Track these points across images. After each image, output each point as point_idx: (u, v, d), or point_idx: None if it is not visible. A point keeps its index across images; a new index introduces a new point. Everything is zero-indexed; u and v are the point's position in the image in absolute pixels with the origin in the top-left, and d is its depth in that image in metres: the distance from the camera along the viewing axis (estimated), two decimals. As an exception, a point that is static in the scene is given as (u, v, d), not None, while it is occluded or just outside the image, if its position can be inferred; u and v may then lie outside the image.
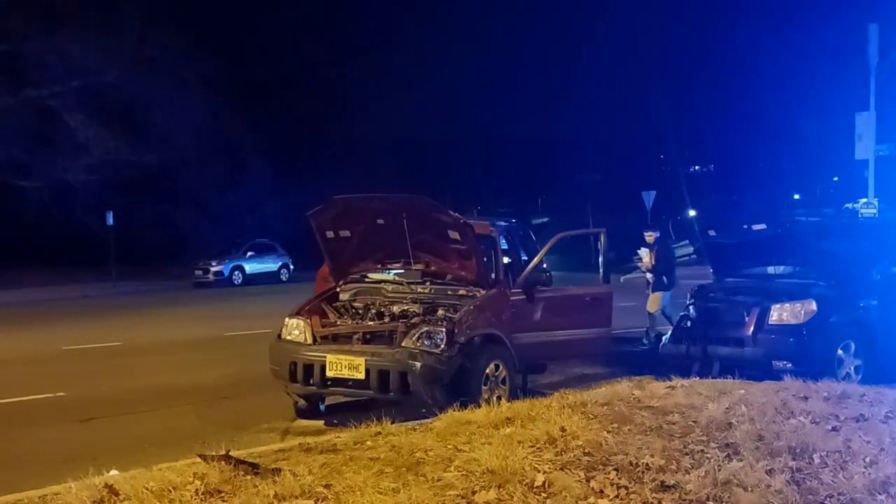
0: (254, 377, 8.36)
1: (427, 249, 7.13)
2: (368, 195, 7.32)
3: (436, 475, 3.96)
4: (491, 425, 4.89)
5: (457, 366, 6.28)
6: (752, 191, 44.36)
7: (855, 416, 5.08)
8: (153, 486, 3.75)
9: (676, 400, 5.59)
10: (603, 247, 8.09)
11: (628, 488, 3.78)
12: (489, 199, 36.20)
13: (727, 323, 7.93)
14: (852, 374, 7.45)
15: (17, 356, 10.87)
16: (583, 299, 7.71)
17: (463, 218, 6.82)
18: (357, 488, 3.67)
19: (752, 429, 4.68)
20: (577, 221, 27.35)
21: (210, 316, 15.95)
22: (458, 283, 7.04)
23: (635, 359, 9.44)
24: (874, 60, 15.84)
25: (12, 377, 9.21)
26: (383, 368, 6.28)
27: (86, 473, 4.03)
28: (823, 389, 5.87)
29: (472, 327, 6.49)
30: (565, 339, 7.42)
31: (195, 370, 9.54)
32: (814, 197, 42.72)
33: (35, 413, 7.39)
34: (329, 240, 7.36)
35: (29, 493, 4.16)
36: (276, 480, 3.79)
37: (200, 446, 4.65)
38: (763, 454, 4.22)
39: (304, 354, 6.64)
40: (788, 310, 7.59)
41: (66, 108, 22.31)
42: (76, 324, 14.79)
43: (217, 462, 4.02)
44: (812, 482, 3.85)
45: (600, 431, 4.64)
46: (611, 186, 39.52)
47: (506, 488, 3.71)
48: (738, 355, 7.69)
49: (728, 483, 3.79)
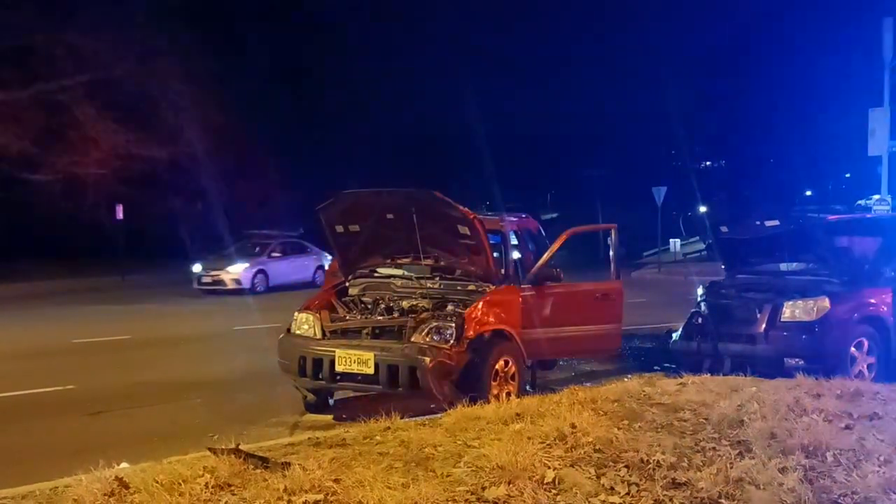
0: (262, 371, 8.37)
1: (436, 244, 7.11)
2: (378, 190, 7.30)
3: (445, 471, 3.94)
4: (500, 421, 4.87)
5: (466, 361, 6.27)
6: (764, 187, 44.16)
7: (868, 414, 5.04)
8: (163, 480, 3.75)
9: (687, 397, 5.56)
10: (614, 243, 8.05)
11: (639, 485, 3.76)
12: (498, 195, 36.14)
13: (739, 319, 7.88)
14: (865, 372, 7.40)
15: (26, 349, 10.92)
16: (593, 295, 7.67)
17: (473, 213, 6.79)
18: (366, 483, 3.65)
19: (764, 426, 4.64)
20: (586, 217, 27.31)
21: (218, 310, 15.98)
22: (468, 279, 7.02)
23: (646, 355, 9.41)
24: (889, 55, 15.70)
25: (22, 370, 9.25)
26: (392, 363, 6.26)
27: (96, 466, 4.03)
28: (836, 387, 5.83)
29: (481, 323, 6.46)
30: (575, 335, 7.39)
31: (204, 364, 9.57)
32: (826, 193, 42.50)
33: (45, 406, 7.43)
34: (338, 234, 7.35)
35: (40, 485, 4.18)
36: (286, 474, 3.78)
37: (210, 440, 4.66)
38: (775, 452, 4.19)
39: (314, 349, 6.63)
40: (801, 307, 7.53)
41: (76, 102, 22.36)
42: (85, 317, 14.85)
43: (227, 456, 4.02)
44: (825, 481, 3.81)
45: (611, 428, 4.61)
46: (621, 182, 39.37)
47: (516, 484, 3.69)
48: (749, 352, 7.65)
49: (740, 481, 3.76)
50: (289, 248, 21.16)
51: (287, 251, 20.98)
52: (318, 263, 20.90)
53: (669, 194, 26.62)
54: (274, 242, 20.93)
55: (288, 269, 20.48)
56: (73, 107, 22.32)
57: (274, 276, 19.92)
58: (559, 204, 45.32)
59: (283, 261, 20.62)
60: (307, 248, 21.31)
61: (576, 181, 43.86)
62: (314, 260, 21.16)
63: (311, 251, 21.26)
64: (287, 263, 20.60)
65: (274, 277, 19.88)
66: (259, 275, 19.69)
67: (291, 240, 21.58)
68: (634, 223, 26.46)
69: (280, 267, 20.36)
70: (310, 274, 20.83)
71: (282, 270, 20.28)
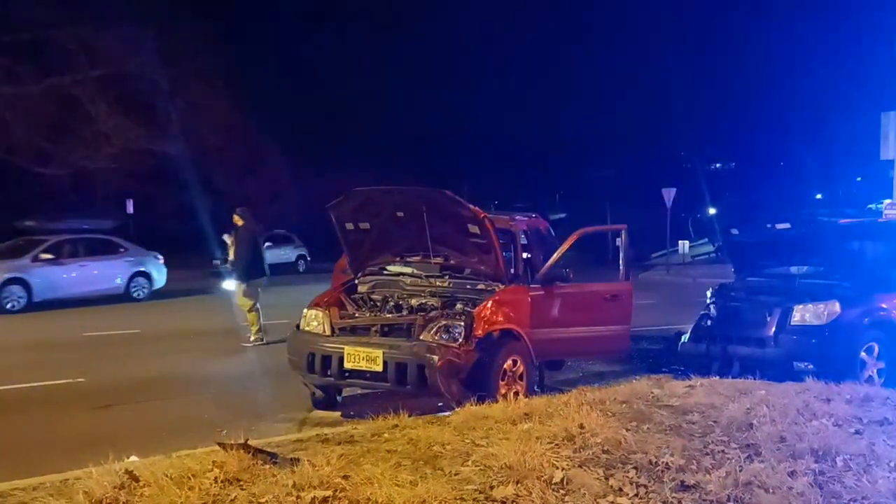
0: (271, 367, 8.40)
1: (446, 243, 7.11)
2: (388, 188, 7.32)
3: (453, 469, 3.94)
4: (508, 420, 4.87)
5: (474, 360, 6.26)
6: (774, 190, 43.92)
7: (879, 419, 5.01)
8: (173, 473, 3.77)
9: (696, 399, 5.54)
10: (624, 243, 8.03)
11: (648, 487, 3.75)
12: (507, 194, 36.14)
13: (748, 322, 7.85)
14: (875, 377, 7.36)
15: (37, 341, 10.99)
16: (602, 296, 7.66)
17: (483, 212, 6.79)
18: (375, 480, 3.66)
19: (773, 430, 4.63)
20: (594, 217, 27.19)
21: (227, 305, 16.02)
22: (477, 278, 7.02)
23: (654, 357, 9.39)
24: (902, 58, 15.58)
25: (32, 362, 9.31)
26: (401, 361, 6.27)
27: (106, 459, 4.06)
28: (846, 392, 5.80)
29: (490, 322, 6.46)
30: (584, 335, 7.38)
31: (212, 359, 9.61)
32: (837, 197, 42.25)
33: (55, 398, 7.48)
34: (348, 232, 7.36)
35: (50, 476, 4.21)
36: (295, 470, 3.79)
37: (219, 434, 4.68)
38: (785, 456, 4.17)
39: (323, 346, 6.65)
40: (811, 310, 7.50)
41: (88, 97, 22.48)
42: (95, 310, 14.91)
43: (235, 451, 4.03)
44: (835, 485, 3.80)
45: (619, 429, 4.60)
46: (630, 182, 39.28)
47: (524, 484, 3.69)
48: (758, 355, 7.61)
49: (749, 484, 3.74)
50: (82, 247, 15.70)
51: (79, 252, 15.51)
52: (137, 269, 16.26)
53: (679, 196, 26.51)
54: (51, 240, 15.25)
55: (78, 276, 15.14)
56: (85, 101, 22.44)
57: (45, 288, 14.56)
58: (568, 204, 45.20)
59: (67, 265, 15.09)
60: (118, 248, 16.38)
61: (585, 182, 43.79)
62: (128, 264, 16.17)
63: (126, 251, 16.33)
64: (74, 269, 15.14)
65: (45, 289, 14.54)
66: (11, 286, 14.19)
67: (89, 236, 16.34)
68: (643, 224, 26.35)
69: (56, 274, 14.82)
70: (119, 283, 15.90)
71: (61, 279, 14.84)
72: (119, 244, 16.69)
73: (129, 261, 16.35)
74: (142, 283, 16.45)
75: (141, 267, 16.47)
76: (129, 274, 16.21)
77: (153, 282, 16.79)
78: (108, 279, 15.85)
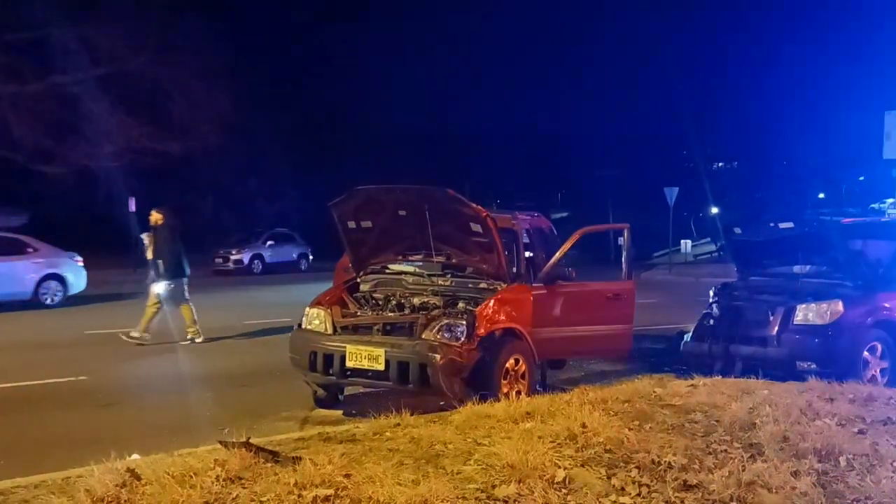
0: (272, 366, 8.40)
1: (448, 242, 7.10)
2: (390, 186, 7.30)
3: (455, 468, 3.94)
4: (510, 420, 4.86)
5: (476, 359, 6.25)
6: (777, 189, 43.90)
7: (882, 419, 5.00)
8: (174, 472, 3.77)
9: (699, 399, 5.53)
10: (626, 243, 8.01)
11: (650, 487, 3.74)
12: (509, 193, 36.14)
13: (751, 322, 7.84)
14: (878, 377, 7.34)
15: (39, 339, 10.99)
16: (605, 295, 7.64)
17: (485, 210, 6.78)
18: (377, 479, 3.65)
19: (776, 430, 4.61)
20: (597, 216, 27.18)
21: (229, 305, 16.03)
22: (479, 276, 7.01)
23: (656, 356, 9.37)
24: (905, 58, 15.56)
25: (35, 360, 9.31)
26: (403, 360, 6.26)
27: (108, 457, 4.06)
28: (849, 391, 5.79)
29: (492, 321, 6.45)
30: (586, 334, 7.37)
31: (214, 358, 9.60)
32: (839, 196, 42.21)
33: (57, 396, 7.47)
34: (350, 230, 7.35)
35: (52, 474, 4.21)
36: (297, 469, 3.79)
37: (221, 433, 4.67)
38: (788, 455, 4.17)
39: (324, 344, 6.64)
40: (814, 310, 7.48)
41: (90, 96, 22.50)
42: (97, 308, 14.92)
43: (237, 449, 4.03)
44: (838, 485, 3.79)
45: (621, 429, 4.59)
46: (632, 182, 39.25)
47: (526, 483, 3.68)
48: (761, 355, 7.60)
49: (752, 484, 3.74)
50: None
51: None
52: (48, 271, 14.33)
53: (681, 195, 26.51)
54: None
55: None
56: (87, 100, 22.47)
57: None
58: (570, 203, 45.21)
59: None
60: (26, 248, 14.65)
61: (587, 181, 43.75)
62: (37, 266, 14.32)
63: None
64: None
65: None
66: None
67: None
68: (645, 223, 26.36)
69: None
70: (25, 287, 14.09)
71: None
72: (27, 244, 14.78)
73: (38, 262, 14.38)
74: (53, 287, 14.51)
75: (53, 269, 14.47)
76: (39, 277, 14.30)
77: (68, 286, 14.76)
78: (16, 282, 13.96)
